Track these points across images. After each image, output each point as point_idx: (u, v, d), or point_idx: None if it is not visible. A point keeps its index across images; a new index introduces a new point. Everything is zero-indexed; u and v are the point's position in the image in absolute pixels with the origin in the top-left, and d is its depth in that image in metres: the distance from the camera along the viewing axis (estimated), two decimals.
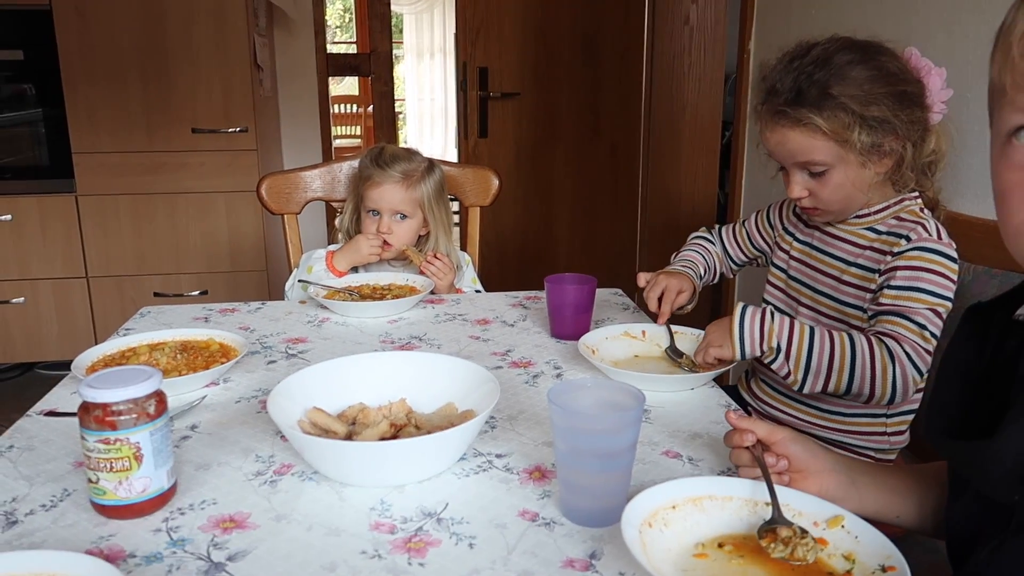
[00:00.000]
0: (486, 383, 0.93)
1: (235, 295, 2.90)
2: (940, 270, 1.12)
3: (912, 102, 1.13)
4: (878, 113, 1.10)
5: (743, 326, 1.10)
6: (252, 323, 1.39)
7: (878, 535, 0.69)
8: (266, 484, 0.84)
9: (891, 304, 1.12)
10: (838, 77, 1.11)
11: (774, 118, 1.16)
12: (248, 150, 2.85)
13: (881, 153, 1.14)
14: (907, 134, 1.13)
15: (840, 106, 1.10)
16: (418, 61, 8.68)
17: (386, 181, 1.61)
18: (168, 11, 2.69)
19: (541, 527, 0.77)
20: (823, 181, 1.16)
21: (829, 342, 1.08)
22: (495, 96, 3.10)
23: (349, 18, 9.35)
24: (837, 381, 1.08)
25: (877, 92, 1.10)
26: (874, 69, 1.11)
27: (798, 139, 1.14)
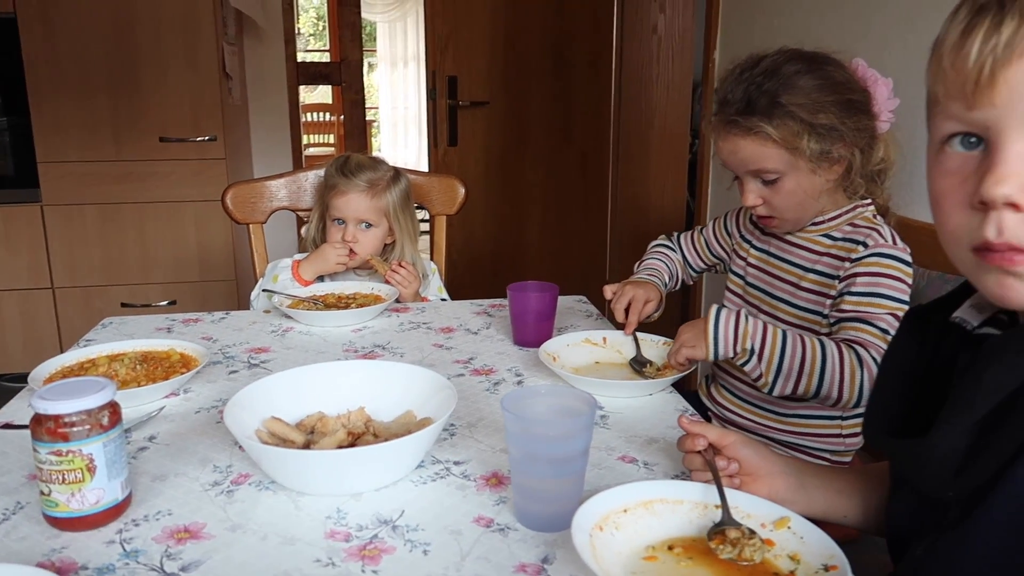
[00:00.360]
0: (443, 390, 0.94)
1: (204, 305, 2.88)
2: (898, 275, 1.15)
3: (858, 110, 1.16)
4: (826, 121, 1.13)
5: (718, 327, 1.12)
6: (215, 333, 1.38)
7: (822, 535, 0.71)
8: (223, 494, 0.84)
9: (854, 310, 1.15)
10: (787, 87, 1.13)
11: (726, 127, 1.18)
12: (217, 159, 2.84)
13: (831, 160, 1.16)
14: (855, 141, 1.16)
15: (789, 114, 1.13)
16: (392, 69, 8.69)
17: (351, 190, 1.61)
18: (136, 19, 2.68)
19: (495, 533, 0.78)
20: (776, 189, 1.19)
21: (801, 346, 1.10)
22: (464, 105, 3.11)
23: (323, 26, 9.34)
24: (807, 384, 1.10)
25: (824, 100, 1.13)
26: (821, 78, 1.14)
27: (750, 147, 1.17)
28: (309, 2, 9.46)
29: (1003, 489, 0.61)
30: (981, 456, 0.60)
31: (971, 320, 0.68)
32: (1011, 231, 0.56)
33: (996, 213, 0.56)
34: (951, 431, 0.61)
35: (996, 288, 0.59)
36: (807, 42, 1.23)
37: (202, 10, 2.72)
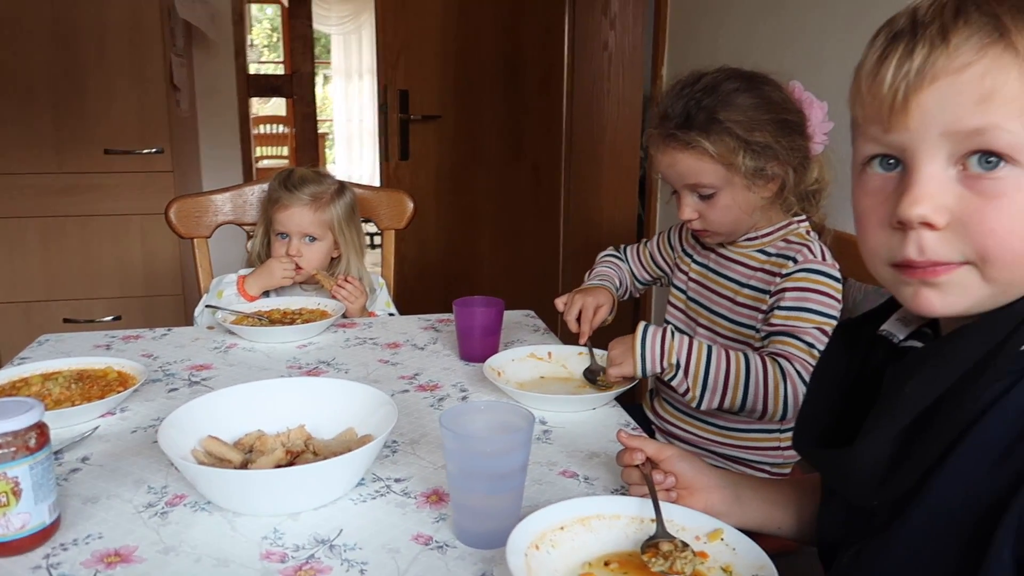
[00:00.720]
0: (385, 407, 0.93)
1: (150, 321, 2.82)
2: (825, 290, 1.18)
3: (793, 130, 1.19)
4: (761, 139, 1.16)
5: (645, 344, 1.13)
6: (156, 350, 1.36)
7: (754, 546, 0.72)
8: (156, 516, 0.83)
9: (781, 324, 1.17)
10: (724, 104, 1.16)
11: (665, 141, 1.21)
12: (164, 172, 2.79)
13: (765, 177, 1.19)
14: (788, 160, 1.19)
15: (726, 131, 1.15)
16: (347, 82, 8.65)
17: (294, 204, 1.60)
18: (79, 29, 2.62)
19: (434, 550, 0.77)
20: (712, 204, 1.21)
21: (725, 360, 1.12)
22: (416, 118, 3.11)
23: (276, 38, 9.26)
24: (732, 397, 1.12)
25: (761, 119, 1.16)
26: (758, 97, 1.17)
27: (687, 161, 1.19)
28: (263, 13, 9.39)
29: (923, 497, 0.62)
30: (903, 465, 0.62)
31: (897, 333, 0.70)
32: (932, 249, 0.58)
33: (915, 233, 0.58)
34: (875, 441, 0.62)
35: (914, 300, 0.61)
36: (750, 61, 1.27)
37: (149, 21, 2.67)
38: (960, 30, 0.55)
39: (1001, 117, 0.54)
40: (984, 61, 0.55)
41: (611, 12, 3.06)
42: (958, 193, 0.57)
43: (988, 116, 0.55)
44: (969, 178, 0.57)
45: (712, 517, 0.78)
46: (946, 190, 0.57)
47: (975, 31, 0.55)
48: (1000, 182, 0.56)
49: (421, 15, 3.05)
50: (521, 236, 3.38)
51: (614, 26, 3.09)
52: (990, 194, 0.56)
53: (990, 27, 0.55)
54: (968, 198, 0.57)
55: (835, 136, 1.28)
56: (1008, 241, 0.56)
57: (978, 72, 0.55)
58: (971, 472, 0.60)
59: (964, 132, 0.55)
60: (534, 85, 3.26)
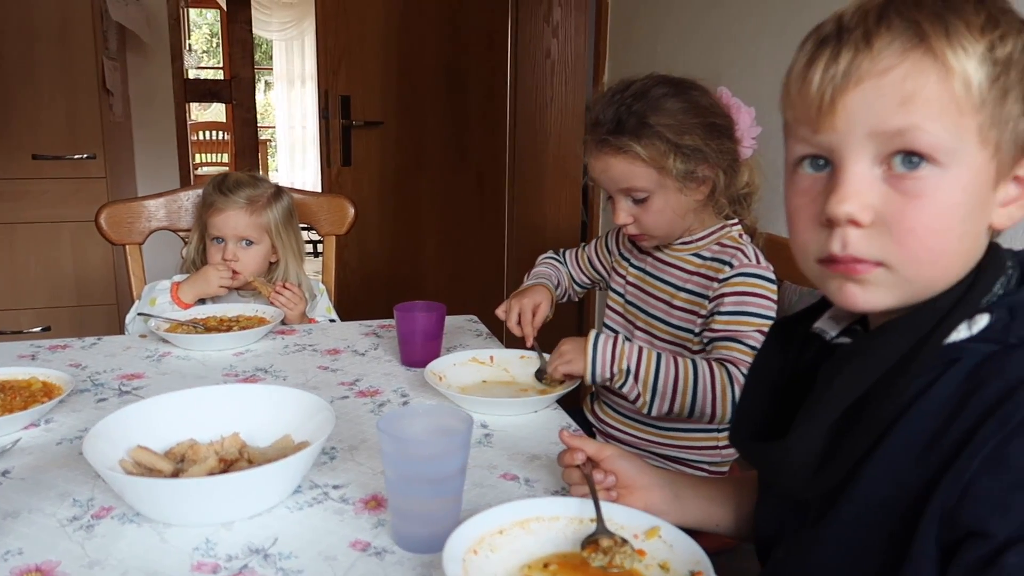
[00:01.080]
0: (322, 412, 0.92)
1: (82, 331, 2.73)
2: (762, 292, 1.20)
3: (721, 133, 1.22)
4: (691, 142, 1.18)
5: (596, 348, 1.15)
6: (84, 360, 1.31)
7: (690, 542, 0.73)
8: (81, 529, 0.80)
9: (724, 330, 1.20)
10: (654, 108, 1.18)
11: (598, 147, 1.22)
12: (96, 178, 2.71)
13: (696, 180, 1.21)
14: (718, 162, 1.21)
15: (657, 134, 1.17)
16: (289, 88, 8.54)
17: (229, 207, 1.57)
18: (6, 30, 2.53)
19: (372, 556, 0.76)
20: (645, 207, 1.23)
21: (674, 367, 1.14)
22: (358, 124, 3.08)
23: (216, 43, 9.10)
24: (682, 403, 1.14)
25: (690, 123, 1.18)
26: (686, 102, 1.20)
27: (620, 166, 1.20)
28: (202, 18, 9.21)
29: (853, 489, 0.64)
30: (834, 458, 0.63)
31: (829, 330, 0.72)
32: (854, 245, 0.60)
33: (840, 229, 0.60)
34: (806, 434, 0.64)
35: (838, 293, 0.63)
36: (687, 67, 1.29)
37: (80, 22, 2.60)
38: (883, 35, 0.57)
39: (922, 118, 0.56)
40: (905, 65, 0.56)
41: (553, 20, 3.08)
42: (883, 192, 0.59)
43: (910, 117, 0.56)
44: (893, 178, 0.58)
45: (651, 515, 0.78)
46: (871, 189, 0.59)
47: (897, 36, 0.57)
48: (921, 182, 0.58)
49: (362, 21, 3.02)
50: (465, 243, 3.38)
51: (557, 34, 3.12)
52: (912, 193, 0.58)
53: (911, 32, 0.57)
54: (892, 197, 0.58)
55: (765, 140, 1.31)
56: (927, 240, 0.58)
57: (900, 75, 0.57)
58: (898, 463, 0.61)
59: (888, 132, 0.57)
60: (478, 92, 3.26)
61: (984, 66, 0.56)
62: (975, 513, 0.55)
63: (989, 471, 0.55)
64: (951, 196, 0.58)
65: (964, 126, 0.57)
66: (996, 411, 0.56)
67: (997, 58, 0.56)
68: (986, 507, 0.55)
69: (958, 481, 0.56)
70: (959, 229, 0.59)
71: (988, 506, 0.54)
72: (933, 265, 0.60)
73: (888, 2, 0.59)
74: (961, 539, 0.56)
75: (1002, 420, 0.55)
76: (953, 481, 0.56)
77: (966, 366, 0.60)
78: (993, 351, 0.59)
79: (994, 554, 0.54)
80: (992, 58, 0.56)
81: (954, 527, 0.56)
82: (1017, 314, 0.59)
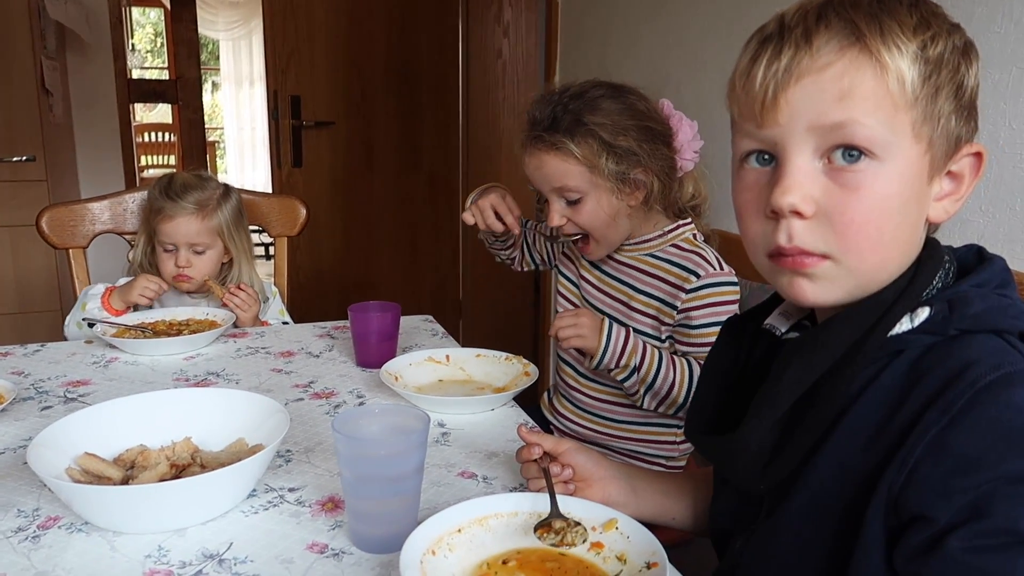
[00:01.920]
0: (276, 415, 0.91)
1: (24, 339, 2.63)
2: (730, 299, 1.24)
3: (657, 138, 1.23)
4: (625, 144, 1.19)
5: (611, 337, 1.18)
6: (27, 367, 1.27)
7: (647, 534, 0.73)
8: (27, 540, 0.77)
9: (700, 342, 1.23)
10: (590, 108, 1.19)
11: (532, 143, 1.23)
12: (36, 180, 2.63)
13: (631, 184, 1.22)
14: (652, 167, 1.22)
15: (590, 133, 1.18)
16: (237, 89, 8.40)
17: (179, 214, 1.53)
18: None
19: (329, 558, 0.76)
20: (578, 209, 1.24)
21: (673, 371, 1.19)
22: (309, 125, 3.05)
23: (161, 43, 8.90)
24: (672, 401, 1.20)
25: (625, 124, 1.20)
26: (623, 104, 1.21)
27: (553, 163, 1.21)
28: (146, 17, 9.00)
29: (804, 479, 0.66)
30: (785, 449, 0.65)
31: (780, 326, 0.74)
32: (799, 237, 0.62)
33: (785, 221, 0.62)
34: (758, 426, 0.65)
35: (788, 288, 0.65)
36: (637, 66, 1.31)
37: (16, 21, 2.52)
38: (821, 33, 0.60)
39: (859, 112, 0.59)
40: (843, 61, 0.59)
41: (504, 20, 3.08)
42: (824, 185, 0.61)
43: (848, 111, 0.59)
44: (834, 171, 0.61)
45: (608, 508, 0.79)
46: (813, 181, 0.61)
47: (835, 34, 0.60)
48: (860, 174, 0.60)
49: (310, 20, 2.99)
50: (419, 243, 3.36)
51: (507, 34, 3.12)
52: (851, 186, 0.60)
53: (848, 31, 0.59)
54: (832, 190, 0.61)
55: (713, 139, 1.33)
56: (866, 229, 0.60)
57: (838, 71, 0.59)
58: (846, 452, 0.63)
59: (827, 126, 0.60)
60: (429, 92, 3.25)
61: (917, 64, 0.59)
62: (919, 498, 0.57)
63: (931, 457, 0.57)
64: (888, 187, 0.60)
65: (899, 121, 0.59)
66: (937, 400, 0.58)
67: (929, 57, 0.59)
68: (928, 492, 0.57)
69: (903, 467, 0.58)
70: (896, 219, 0.61)
71: (930, 491, 0.56)
72: (873, 254, 0.62)
73: (827, 3, 0.61)
74: (906, 524, 0.58)
75: (943, 408, 0.57)
76: (898, 468, 0.58)
77: (909, 357, 0.62)
78: (934, 342, 0.62)
79: (937, 538, 0.56)
80: (924, 57, 0.59)
81: (899, 512, 0.58)
82: (956, 307, 0.62)
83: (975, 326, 0.61)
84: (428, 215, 3.35)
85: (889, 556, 0.60)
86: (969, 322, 0.61)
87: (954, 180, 0.65)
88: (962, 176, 0.65)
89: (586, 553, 0.74)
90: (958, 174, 0.64)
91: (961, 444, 0.56)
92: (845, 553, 0.62)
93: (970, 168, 0.65)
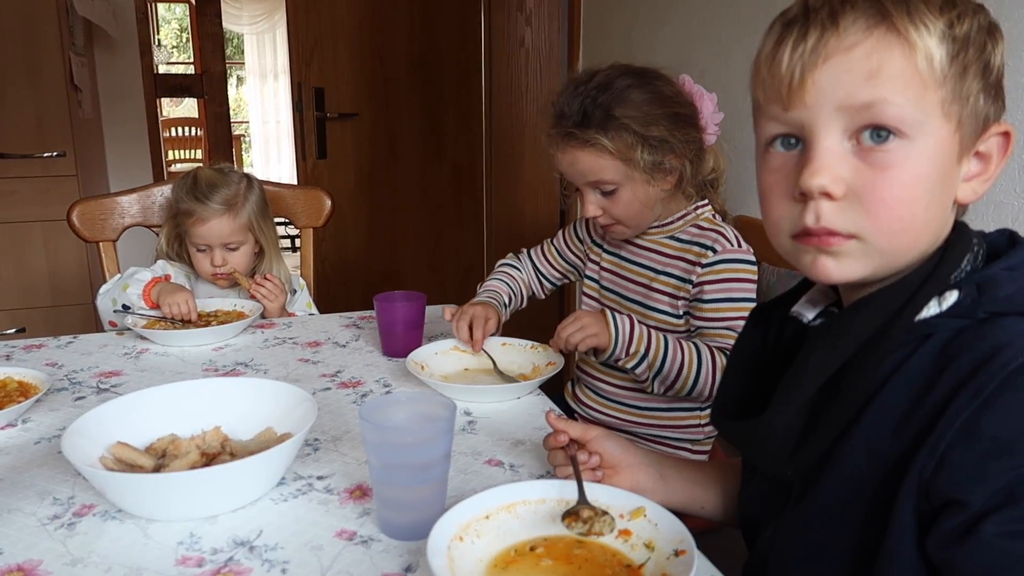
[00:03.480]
0: (304, 404, 0.91)
1: (57, 331, 2.68)
2: (745, 276, 1.22)
3: (687, 123, 1.22)
4: (657, 133, 1.18)
5: (617, 326, 1.16)
6: (61, 358, 1.30)
7: (675, 521, 0.73)
8: (63, 528, 0.79)
9: (713, 317, 1.22)
10: (619, 100, 1.17)
11: (564, 140, 1.21)
12: (67, 176, 2.66)
13: (664, 171, 1.21)
14: (684, 152, 1.21)
15: (623, 126, 1.17)
16: (261, 83, 8.46)
17: (211, 216, 1.54)
18: None
19: (358, 545, 0.76)
20: (614, 199, 1.23)
21: (680, 353, 1.17)
22: (333, 117, 3.06)
23: (186, 38, 8.99)
24: (682, 385, 1.18)
25: (655, 113, 1.18)
26: (651, 92, 1.19)
27: (587, 159, 1.20)
28: (171, 13, 9.09)
29: (833, 464, 0.65)
30: (813, 434, 0.64)
31: (807, 313, 0.73)
32: (827, 218, 0.61)
33: (814, 203, 0.62)
34: (785, 410, 0.65)
35: (812, 266, 0.64)
36: (661, 52, 1.29)
37: (45, 18, 2.55)
38: (847, 14, 0.59)
39: (889, 91, 0.58)
40: (871, 40, 0.58)
41: (527, 8, 3.07)
42: (853, 165, 0.60)
43: (877, 90, 0.58)
44: (863, 151, 0.60)
45: (636, 495, 0.79)
46: (843, 162, 0.60)
47: (861, 14, 0.59)
48: (890, 154, 0.59)
49: (333, 11, 3.00)
50: (443, 232, 3.37)
51: (530, 22, 3.11)
52: (881, 166, 0.59)
53: (874, 11, 0.59)
54: (862, 170, 0.60)
55: (733, 125, 1.32)
56: (897, 209, 0.60)
57: (866, 50, 0.59)
58: (875, 437, 0.62)
59: (856, 106, 0.59)
60: (452, 82, 3.25)
61: (944, 43, 0.58)
62: (951, 483, 0.56)
63: (963, 441, 0.56)
64: (918, 167, 0.60)
65: (928, 100, 0.59)
66: (969, 383, 0.57)
67: (956, 36, 0.59)
68: (961, 477, 0.56)
69: (934, 452, 0.57)
70: (926, 199, 0.61)
71: (963, 476, 0.56)
72: (904, 234, 0.61)
73: None
74: (938, 509, 0.57)
75: (974, 391, 0.56)
76: (929, 452, 0.57)
77: (939, 341, 0.62)
78: (964, 326, 0.61)
79: (971, 523, 0.55)
80: (951, 35, 0.59)
81: (931, 497, 0.58)
82: (985, 290, 0.61)
83: (1006, 308, 0.60)
84: (452, 205, 3.36)
85: (920, 541, 0.59)
86: (1000, 304, 0.60)
87: (982, 160, 0.64)
88: (990, 156, 0.64)
89: (614, 540, 0.74)
90: (986, 154, 0.64)
91: (994, 427, 0.55)
92: (876, 537, 0.61)
93: (998, 148, 0.64)
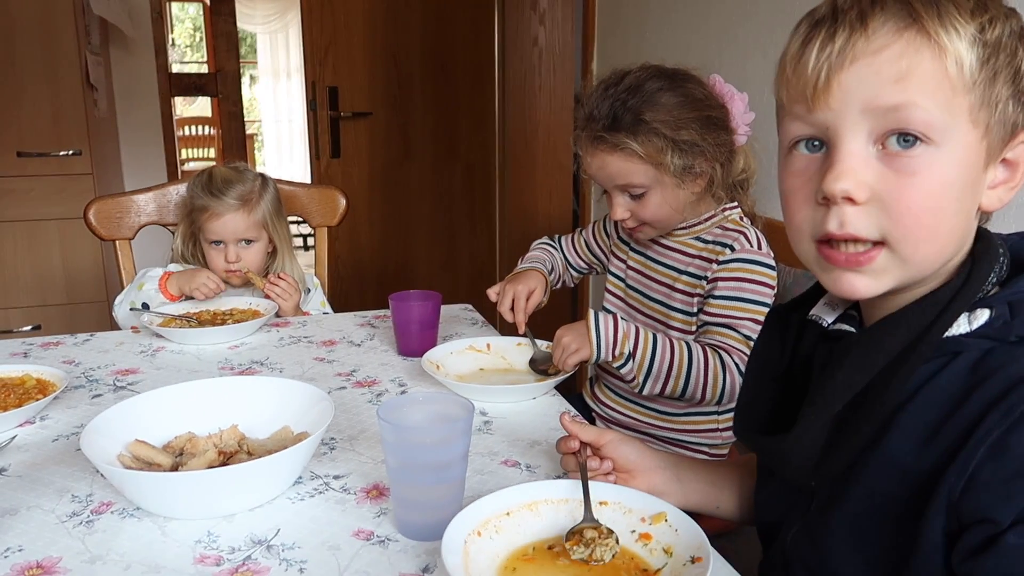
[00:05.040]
0: (320, 403, 0.91)
1: (72, 329, 2.69)
2: (760, 279, 1.20)
3: (717, 126, 1.20)
4: (688, 137, 1.17)
5: (599, 330, 1.13)
6: (78, 356, 1.30)
7: (695, 527, 0.72)
8: (81, 525, 0.79)
9: (718, 314, 1.20)
10: (649, 103, 1.16)
11: (593, 143, 1.20)
12: (83, 174, 2.68)
13: (694, 174, 1.20)
14: (715, 156, 1.20)
15: (653, 131, 1.15)
16: (275, 82, 8.48)
17: (226, 211, 1.55)
18: None
19: (375, 545, 0.76)
20: (643, 203, 1.22)
21: (669, 351, 1.14)
22: (346, 116, 3.06)
23: (200, 37, 9.02)
24: (674, 385, 1.15)
25: (686, 117, 1.17)
26: (682, 95, 1.18)
27: (617, 163, 1.19)
28: (184, 12, 9.13)
29: (860, 477, 0.64)
30: (837, 447, 0.64)
31: (826, 317, 0.72)
32: (851, 223, 0.60)
33: (837, 208, 0.61)
34: (811, 427, 0.64)
35: (836, 283, 0.64)
36: (675, 52, 1.28)
37: (61, 17, 2.56)
38: (877, 16, 0.58)
39: (917, 94, 0.57)
40: (900, 43, 0.57)
41: (540, 8, 3.06)
42: (878, 170, 0.59)
43: (905, 93, 0.57)
44: (888, 156, 0.59)
45: (659, 499, 0.78)
46: (867, 167, 0.59)
47: (890, 17, 0.58)
48: (916, 160, 0.58)
49: (347, 11, 3.00)
50: (457, 233, 3.37)
51: (544, 22, 3.10)
52: (907, 172, 0.58)
53: (904, 13, 0.58)
54: (887, 175, 0.59)
55: (758, 125, 1.31)
56: (922, 217, 0.59)
57: (895, 53, 0.57)
58: (902, 451, 0.62)
59: (883, 108, 0.58)
60: (465, 81, 3.25)
61: (975, 48, 0.57)
62: (980, 502, 0.56)
63: (992, 460, 0.56)
64: (945, 174, 0.59)
65: (957, 105, 0.58)
66: (999, 403, 0.56)
67: (987, 40, 0.58)
68: (990, 496, 0.55)
69: (963, 471, 0.57)
70: (952, 207, 0.60)
71: (992, 495, 0.55)
72: (929, 243, 0.60)
73: None
74: (966, 527, 0.57)
75: (1005, 412, 0.56)
76: (958, 472, 0.57)
77: (968, 359, 0.61)
78: (994, 346, 0.60)
79: (994, 537, 0.54)
80: (982, 40, 0.57)
81: (961, 516, 0.57)
82: (1017, 312, 0.60)
83: None
84: (465, 204, 3.36)
85: (948, 559, 0.58)
86: None
87: (1009, 168, 0.63)
88: (1017, 164, 0.63)
89: (633, 544, 0.74)
90: (1013, 161, 0.63)
91: (1023, 447, 0.54)
92: (904, 554, 0.61)
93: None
